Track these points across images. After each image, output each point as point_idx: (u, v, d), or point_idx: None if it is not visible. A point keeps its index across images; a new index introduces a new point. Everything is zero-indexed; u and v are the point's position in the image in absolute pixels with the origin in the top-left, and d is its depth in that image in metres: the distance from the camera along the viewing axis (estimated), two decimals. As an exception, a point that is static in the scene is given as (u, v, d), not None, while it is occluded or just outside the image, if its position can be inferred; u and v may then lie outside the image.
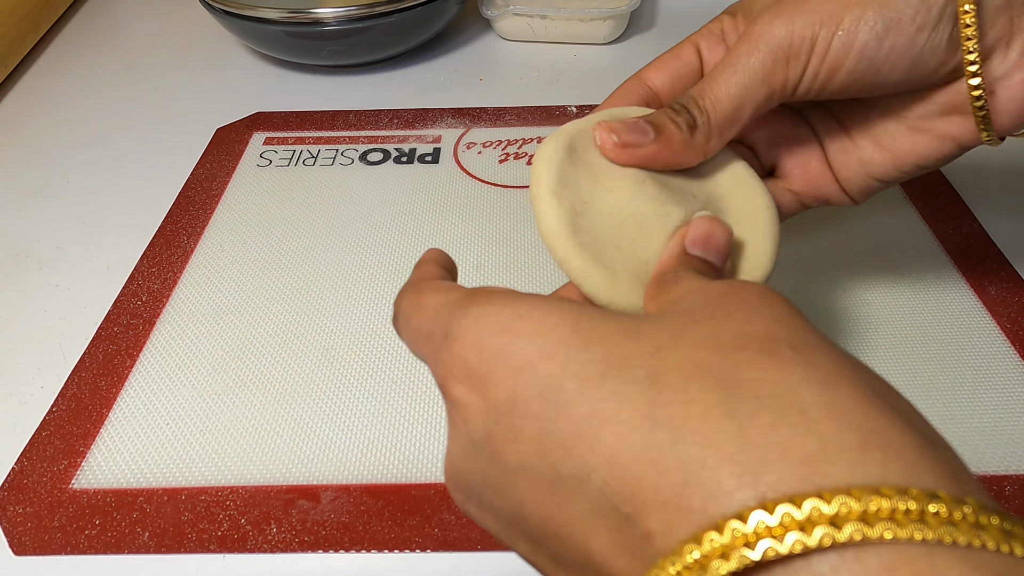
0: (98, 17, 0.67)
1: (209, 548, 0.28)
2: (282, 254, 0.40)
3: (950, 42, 0.22)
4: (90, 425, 0.32)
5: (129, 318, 0.37)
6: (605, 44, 0.59)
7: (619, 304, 0.22)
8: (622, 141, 0.23)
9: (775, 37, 0.22)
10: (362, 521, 0.29)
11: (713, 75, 0.23)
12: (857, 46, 0.22)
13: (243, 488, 0.30)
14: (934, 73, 0.22)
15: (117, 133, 0.51)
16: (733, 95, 0.23)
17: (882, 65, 0.22)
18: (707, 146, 0.24)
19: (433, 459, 0.31)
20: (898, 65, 0.22)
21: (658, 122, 0.23)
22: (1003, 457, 0.30)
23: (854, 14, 0.21)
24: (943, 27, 0.21)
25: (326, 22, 0.51)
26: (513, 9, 0.57)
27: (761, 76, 0.23)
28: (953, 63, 0.22)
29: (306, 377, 0.34)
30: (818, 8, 0.22)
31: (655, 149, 0.23)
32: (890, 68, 0.22)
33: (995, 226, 0.40)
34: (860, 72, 0.22)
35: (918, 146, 0.25)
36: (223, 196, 0.44)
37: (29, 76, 0.58)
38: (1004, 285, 0.37)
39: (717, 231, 0.22)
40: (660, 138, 0.23)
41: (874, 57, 0.22)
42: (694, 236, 0.22)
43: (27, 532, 0.28)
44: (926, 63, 0.22)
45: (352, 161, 0.47)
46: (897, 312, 0.36)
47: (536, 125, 0.49)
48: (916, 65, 0.22)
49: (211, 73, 0.58)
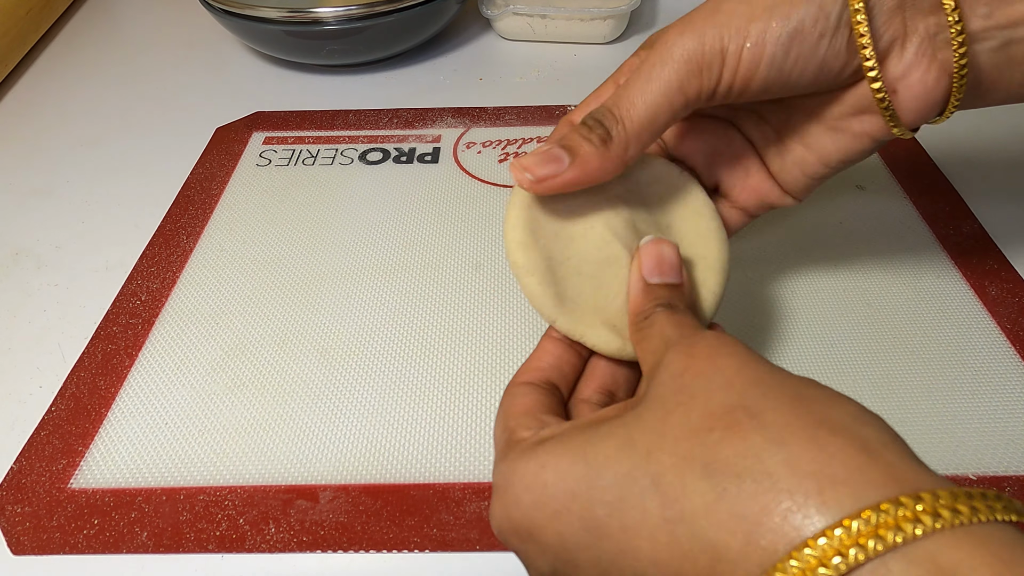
0: (98, 17, 0.67)
1: (207, 548, 0.28)
2: (281, 254, 0.40)
3: (849, 46, 0.23)
4: (89, 425, 0.32)
5: (128, 318, 0.37)
6: (605, 44, 0.59)
7: (614, 347, 0.25)
8: (537, 177, 0.24)
9: (686, 48, 0.23)
10: (360, 521, 0.29)
11: (627, 85, 0.24)
12: (766, 57, 0.23)
13: (241, 488, 0.30)
14: (840, 73, 0.24)
15: (116, 133, 0.51)
16: (648, 102, 0.23)
17: (791, 72, 0.23)
18: (625, 155, 0.24)
19: (432, 459, 0.31)
20: (806, 70, 0.23)
21: (571, 144, 0.24)
22: (1003, 457, 0.30)
23: (759, 27, 0.23)
24: (841, 32, 0.23)
25: (326, 21, 0.51)
26: (513, 9, 0.57)
27: (676, 85, 0.23)
28: (855, 64, 0.24)
29: (305, 377, 0.34)
30: (724, 21, 0.23)
31: (573, 174, 0.24)
32: (799, 73, 0.23)
33: (995, 226, 0.40)
34: (772, 79, 0.23)
35: (839, 144, 0.26)
36: (222, 196, 0.44)
37: (29, 76, 0.58)
38: (1004, 285, 0.37)
39: (664, 251, 0.25)
40: (576, 161, 0.24)
41: (782, 66, 0.23)
42: (648, 266, 0.24)
43: (25, 532, 0.28)
44: (831, 66, 0.23)
45: (352, 161, 0.47)
46: (896, 312, 0.36)
47: (536, 125, 0.49)
48: (822, 69, 0.23)
49: (211, 73, 0.58)
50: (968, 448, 0.30)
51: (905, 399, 0.32)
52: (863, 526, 0.14)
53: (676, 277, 0.24)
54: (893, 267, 0.38)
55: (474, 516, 0.29)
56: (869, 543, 0.14)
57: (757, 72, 0.23)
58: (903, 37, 0.23)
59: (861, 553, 0.14)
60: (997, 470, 0.30)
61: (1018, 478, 0.29)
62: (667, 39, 0.23)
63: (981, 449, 0.30)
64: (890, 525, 0.14)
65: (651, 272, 0.24)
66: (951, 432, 0.31)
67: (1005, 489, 0.29)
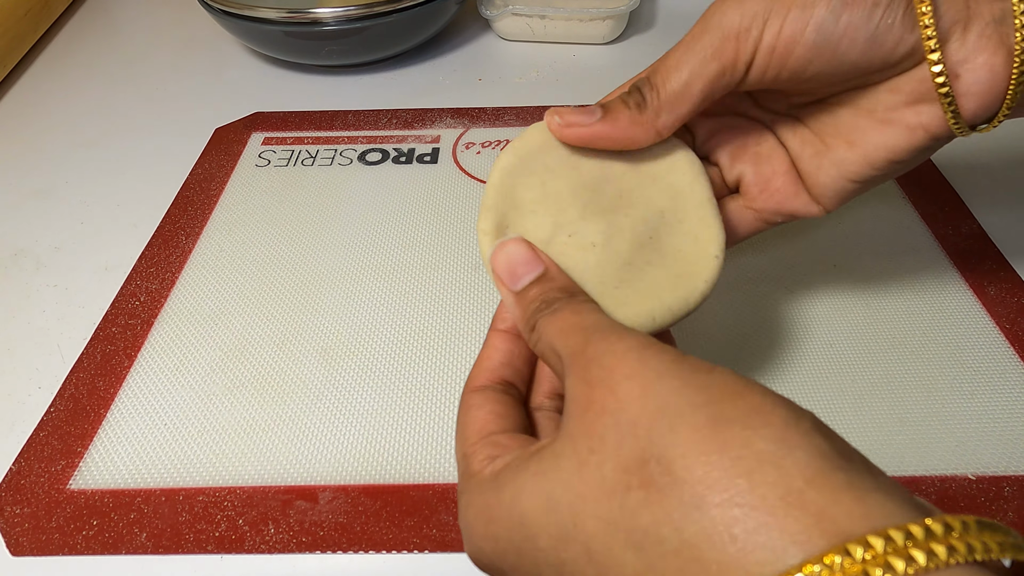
0: (96, 17, 0.67)
1: (207, 549, 0.28)
2: (280, 254, 0.40)
3: (905, 20, 0.22)
4: (88, 425, 0.32)
5: (127, 318, 0.37)
6: (604, 44, 0.59)
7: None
8: (566, 121, 0.24)
9: (726, 19, 0.23)
10: (360, 522, 0.29)
11: (665, 55, 0.24)
12: (815, 20, 0.22)
13: (241, 489, 0.30)
14: (892, 51, 0.23)
15: (115, 133, 0.51)
16: (683, 70, 0.23)
17: (840, 41, 0.22)
18: (657, 121, 0.24)
19: (431, 460, 0.31)
20: (856, 41, 0.22)
21: (608, 104, 0.24)
22: (1002, 457, 0.30)
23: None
24: (898, 4, 0.22)
25: (325, 22, 0.51)
26: (512, 9, 0.57)
27: (711, 52, 0.23)
28: (911, 41, 0.22)
29: (304, 377, 0.34)
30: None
31: (601, 128, 0.24)
32: (848, 45, 0.22)
33: (994, 226, 0.40)
34: (817, 49, 0.22)
35: (889, 139, 0.24)
36: (221, 196, 0.44)
37: (27, 76, 0.58)
38: (1003, 285, 0.37)
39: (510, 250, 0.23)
40: (607, 116, 0.24)
41: (832, 32, 0.22)
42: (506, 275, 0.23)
43: (24, 533, 0.28)
44: (883, 40, 0.22)
45: (351, 161, 0.47)
46: (896, 312, 0.36)
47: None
48: (874, 41, 0.22)
49: (210, 73, 0.58)
50: (967, 448, 0.30)
51: (904, 399, 0.32)
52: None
53: (535, 267, 0.23)
54: (892, 267, 0.38)
55: (473, 517, 0.29)
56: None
57: (803, 38, 0.22)
58: (966, 20, 0.22)
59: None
60: (996, 470, 0.30)
61: (1017, 478, 0.29)
62: (711, 9, 0.23)
63: (980, 449, 0.30)
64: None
65: (513, 279, 0.23)
66: (950, 432, 0.31)
67: (1004, 489, 0.29)
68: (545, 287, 0.22)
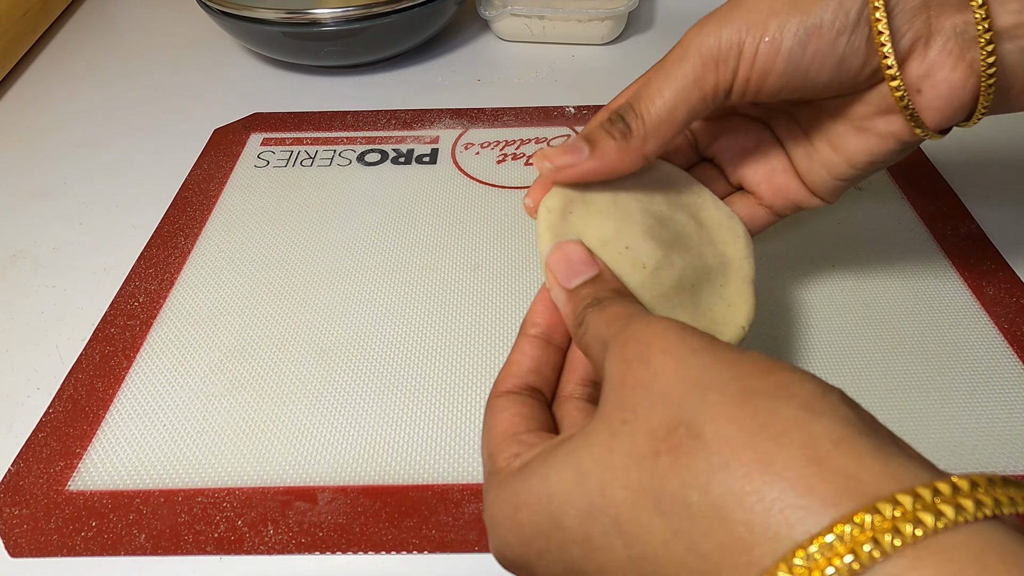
0: (95, 18, 0.66)
1: (206, 550, 0.28)
2: (279, 255, 0.40)
3: (868, 44, 0.23)
4: (87, 427, 0.32)
5: (126, 319, 0.37)
6: (603, 45, 0.59)
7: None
8: (557, 165, 0.25)
9: (704, 44, 0.23)
10: (359, 522, 0.29)
11: (648, 81, 0.25)
12: (783, 52, 0.23)
13: (240, 490, 0.30)
14: (860, 72, 0.24)
15: (114, 134, 0.51)
16: (666, 98, 0.24)
17: (809, 68, 0.23)
18: (644, 149, 0.25)
19: (431, 460, 0.31)
20: (824, 67, 0.23)
21: (592, 136, 0.25)
22: (1001, 457, 0.30)
23: (778, 22, 0.23)
24: (861, 30, 0.23)
25: (324, 23, 0.51)
26: (511, 10, 0.57)
27: (692, 79, 0.24)
28: (875, 63, 0.23)
29: (303, 378, 0.34)
30: (744, 17, 0.23)
31: (592, 164, 0.25)
32: (817, 70, 0.23)
33: (993, 226, 0.40)
34: (789, 75, 0.23)
35: (865, 144, 0.26)
36: (220, 197, 0.44)
37: (26, 77, 0.58)
38: (1002, 285, 0.37)
39: (569, 250, 0.24)
40: (595, 152, 0.25)
41: (800, 61, 0.23)
42: (562, 272, 0.24)
43: (23, 534, 0.28)
44: (849, 64, 0.23)
45: (350, 162, 0.47)
46: (894, 312, 0.36)
47: (534, 126, 0.49)
48: (841, 66, 0.23)
49: (208, 74, 0.58)
50: (966, 448, 0.30)
51: (903, 399, 0.32)
52: (818, 555, 0.13)
53: (591, 269, 0.24)
54: (891, 267, 0.38)
55: (472, 517, 0.29)
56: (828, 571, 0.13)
57: (774, 67, 0.23)
58: (927, 36, 0.23)
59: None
60: (995, 469, 0.30)
61: (1017, 477, 0.29)
62: (688, 35, 0.24)
63: (979, 449, 0.30)
64: (844, 551, 0.13)
65: (567, 277, 0.24)
66: (949, 432, 0.31)
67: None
68: (598, 287, 0.23)
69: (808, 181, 0.28)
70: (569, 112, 0.50)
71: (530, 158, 0.46)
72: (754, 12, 0.23)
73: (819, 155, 0.27)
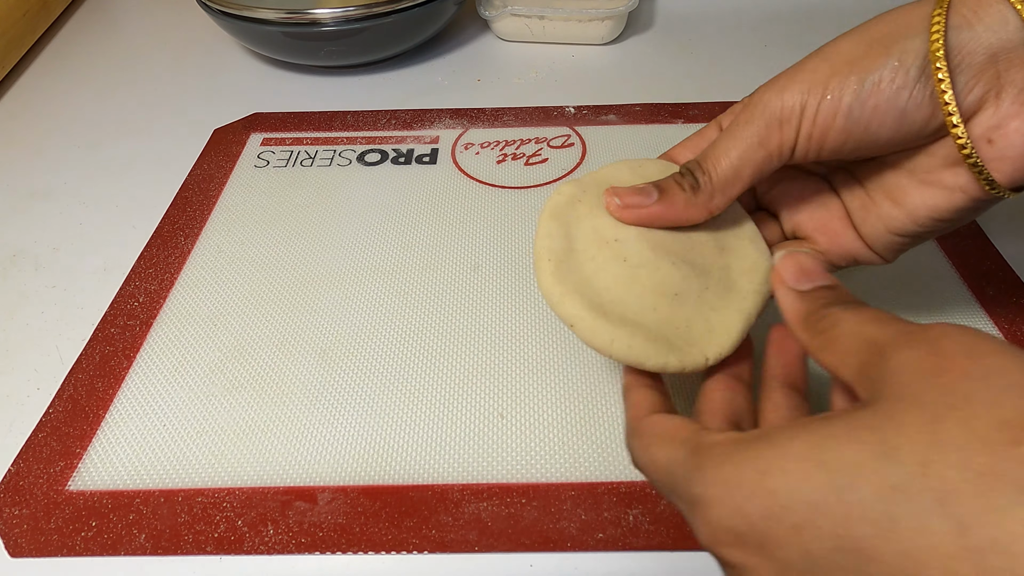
0: (95, 18, 0.67)
1: (206, 550, 0.28)
2: (279, 255, 0.40)
3: (932, 98, 0.23)
4: (87, 427, 0.32)
5: (126, 319, 0.37)
6: (603, 45, 0.59)
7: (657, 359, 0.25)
8: (625, 203, 0.26)
9: (769, 106, 0.25)
10: (359, 523, 0.29)
11: (716, 142, 0.26)
12: (843, 108, 0.24)
13: (240, 490, 0.30)
14: (925, 126, 0.24)
15: (114, 134, 0.51)
16: (732, 157, 0.25)
17: (869, 123, 0.24)
18: (711, 203, 0.26)
19: (430, 461, 0.31)
20: (886, 122, 0.24)
21: (664, 185, 0.27)
22: (1001, 457, 0.30)
23: (838, 80, 0.24)
24: (923, 85, 0.23)
25: (324, 23, 0.51)
26: (511, 10, 0.57)
27: (757, 140, 0.25)
28: (941, 116, 0.23)
29: (303, 378, 0.34)
30: (807, 79, 0.24)
31: (658, 209, 0.26)
32: (878, 125, 0.24)
33: (992, 227, 0.40)
34: (850, 130, 0.24)
35: (929, 199, 0.26)
36: (220, 197, 0.44)
37: (26, 77, 0.58)
38: (1001, 286, 0.37)
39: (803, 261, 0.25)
40: (663, 198, 0.26)
41: (860, 117, 0.24)
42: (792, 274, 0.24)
43: (23, 534, 0.28)
44: (913, 118, 0.23)
45: (350, 162, 0.47)
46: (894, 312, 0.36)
47: (534, 126, 0.49)
48: (903, 120, 0.24)
49: (208, 74, 0.58)
50: (966, 448, 0.30)
51: (903, 399, 0.32)
52: None
53: (828, 279, 0.24)
54: (890, 268, 0.38)
55: (472, 517, 0.29)
56: None
57: (834, 123, 0.24)
58: (998, 88, 0.23)
59: None
60: (995, 470, 0.30)
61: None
62: (755, 97, 0.25)
63: (979, 449, 0.30)
64: None
65: (799, 280, 0.24)
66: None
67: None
68: (840, 292, 0.23)
69: (864, 234, 0.28)
70: (569, 112, 0.50)
71: (531, 158, 0.47)
72: (816, 73, 0.24)
73: (877, 209, 0.27)
